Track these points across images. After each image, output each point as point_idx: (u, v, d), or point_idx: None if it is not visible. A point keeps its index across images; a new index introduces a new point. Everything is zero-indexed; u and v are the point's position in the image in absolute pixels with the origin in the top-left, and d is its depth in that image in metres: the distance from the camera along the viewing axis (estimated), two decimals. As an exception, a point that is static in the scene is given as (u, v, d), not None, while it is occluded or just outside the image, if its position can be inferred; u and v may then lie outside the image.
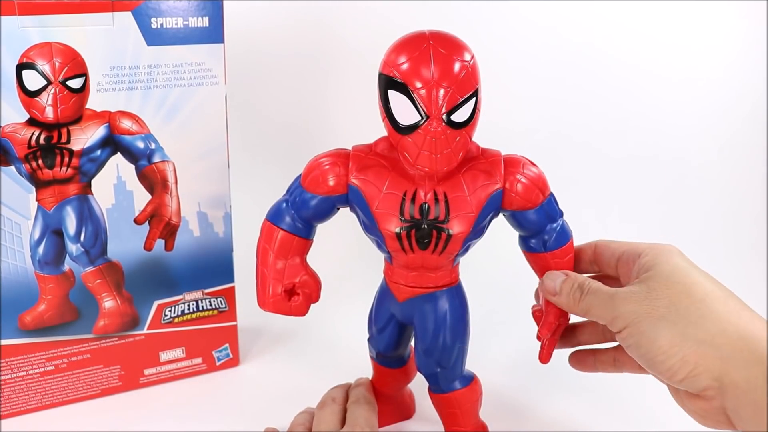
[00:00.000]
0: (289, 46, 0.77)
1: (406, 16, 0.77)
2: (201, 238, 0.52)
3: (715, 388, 0.34)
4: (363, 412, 0.46)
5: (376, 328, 0.45)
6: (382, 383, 0.49)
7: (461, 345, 0.42)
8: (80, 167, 0.47)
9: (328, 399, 0.48)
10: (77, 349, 0.51)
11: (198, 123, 0.50)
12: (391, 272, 0.42)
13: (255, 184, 0.78)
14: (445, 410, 0.45)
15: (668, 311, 0.35)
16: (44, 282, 0.49)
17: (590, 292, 0.39)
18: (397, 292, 0.42)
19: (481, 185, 0.38)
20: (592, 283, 0.39)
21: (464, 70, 0.35)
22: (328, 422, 0.45)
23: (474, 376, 0.45)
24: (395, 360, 0.47)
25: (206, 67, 0.48)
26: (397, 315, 0.43)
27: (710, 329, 0.34)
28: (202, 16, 0.47)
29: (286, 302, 0.42)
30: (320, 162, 0.40)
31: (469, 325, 0.43)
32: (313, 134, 0.80)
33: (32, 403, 0.51)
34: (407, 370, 0.47)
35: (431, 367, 0.42)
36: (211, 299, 0.55)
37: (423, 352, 0.42)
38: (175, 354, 0.55)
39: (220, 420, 0.51)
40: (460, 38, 0.36)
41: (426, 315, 0.41)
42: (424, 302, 0.41)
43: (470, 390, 0.44)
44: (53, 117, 0.45)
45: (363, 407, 0.46)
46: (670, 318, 0.35)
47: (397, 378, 0.48)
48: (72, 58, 0.44)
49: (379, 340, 0.45)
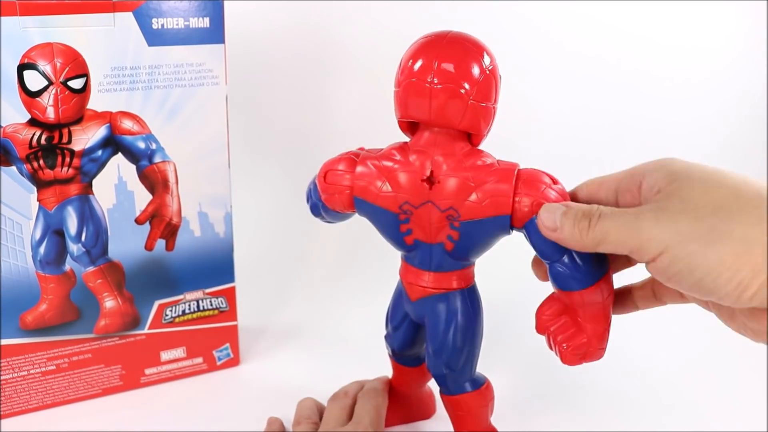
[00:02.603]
0: (290, 46, 0.77)
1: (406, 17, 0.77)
2: (202, 238, 0.53)
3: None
4: (369, 408, 0.46)
5: (391, 326, 0.45)
6: (399, 381, 0.49)
7: (470, 348, 0.42)
8: (81, 167, 0.47)
9: (341, 392, 0.49)
10: (78, 349, 0.51)
11: (199, 123, 0.50)
12: (404, 271, 0.42)
13: (255, 184, 0.78)
14: (454, 412, 0.44)
15: (719, 219, 0.29)
16: (45, 282, 0.49)
17: (603, 217, 0.32)
18: (410, 291, 0.42)
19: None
20: (602, 207, 0.33)
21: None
22: (335, 416, 0.46)
23: (486, 380, 0.44)
24: (412, 359, 0.47)
25: (207, 68, 0.49)
26: (411, 314, 0.43)
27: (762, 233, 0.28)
28: (203, 17, 0.47)
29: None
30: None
31: (481, 328, 0.42)
32: (314, 134, 0.80)
33: (33, 402, 0.51)
34: (424, 370, 0.47)
35: (439, 368, 0.42)
36: (211, 299, 0.55)
37: (432, 353, 0.42)
38: (176, 354, 0.55)
39: (221, 420, 0.51)
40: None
41: (437, 315, 0.41)
42: (436, 302, 0.41)
43: (479, 394, 0.43)
44: (54, 117, 0.45)
45: (371, 402, 0.46)
46: (723, 227, 0.29)
47: (413, 377, 0.48)
48: (73, 58, 0.44)
49: (394, 338, 0.46)
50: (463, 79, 0.35)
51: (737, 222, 0.29)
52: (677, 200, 0.30)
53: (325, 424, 0.46)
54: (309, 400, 0.50)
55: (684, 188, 0.31)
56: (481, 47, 0.36)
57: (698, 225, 0.29)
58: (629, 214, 0.31)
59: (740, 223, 0.29)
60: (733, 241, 0.28)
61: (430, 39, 0.36)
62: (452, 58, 0.35)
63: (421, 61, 0.35)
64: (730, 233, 0.29)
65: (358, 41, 0.77)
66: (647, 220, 0.30)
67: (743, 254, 0.28)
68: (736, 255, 0.28)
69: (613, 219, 0.32)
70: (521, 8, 0.80)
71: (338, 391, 0.49)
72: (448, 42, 0.35)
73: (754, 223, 0.29)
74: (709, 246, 0.29)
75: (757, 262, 0.28)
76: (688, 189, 0.31)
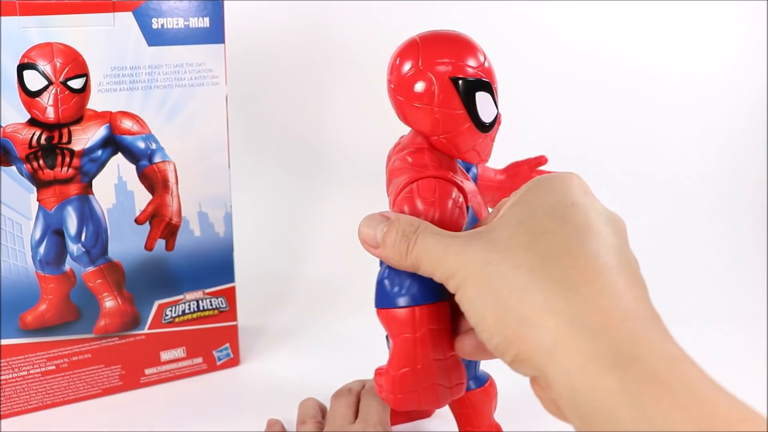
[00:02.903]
0: (290, 46, 0.77)
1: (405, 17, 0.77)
2: (202, 238, 0.53)
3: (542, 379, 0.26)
4: (376, 406, 0.46)
5: None
6: None
7: None
8: (81, 167, 0.47)
9: (345, 390, 0.49)
10: (78, 349, 0.51)
11: (199, 123, 0.50)
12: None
13: (255, 185, 0.78)
14: (459, 410, 0.44)
15: (500, 275, 0.26)
16: (45, 282, 0.49)
17: (420, 240, 0.29)
18: None
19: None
20: (426, 227, 0.30)
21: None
22: (342, 414, 0.46)
23: (489, 377, 0.44)
24: None
25: (207, 68, 0.49)
26: None
27: (539, 302, 0.25)
28: (203, 17, 0.47)
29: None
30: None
31: None
32: (314, 134, 0.80)
33: (33, 402, 0.51)
34: None
35: None
36: (211, 299, 0.55)
37: None
38: (176, 354, 0.55)
39: (221, 420, 0.51)
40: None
41: None
42: None
43: (483, 391, 0.43)
44: (54, 117, 0.45)
45: (376, 399, 0.46)
46: (498, 282, 0.26)
47: None
48: (73, 58, 0.44)
49: None
50: (391, 74, 0.35)
51: (510, 280, 0.25)
52: (496, 226, 0.28)
53: (332, 422, 0.46)
54: (311, 400, 0.50)
55: (510, 213, 0.28)
56: (416, 47, 0.34)
57: (483, 272, 0.26)
58: (441, 241, 0.28)
59: (512, 283, 0.25)
60: (499, 301, 0.26)
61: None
62: (394, 56, 0.35)
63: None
64: (499, 292, 0.26)
65: (358, 41, 0.77)
66: (453, 249, 0.28)
67: (502, 319, 0.26)
68: (496, 318, 0.26)
69: (426, 244, 0.29)
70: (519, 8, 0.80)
71: (341, 388, 0.49)
72: (406, 41, 0.35)
73: (522, 288, 0.25)
74: (481, 299, 0.26)
75: (510, 331, 0.25)
76: (512, 215, 0.28)
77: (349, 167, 0.80)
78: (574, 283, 0.25)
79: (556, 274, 0.25)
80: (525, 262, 0.26)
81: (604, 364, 0.23)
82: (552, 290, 0.25)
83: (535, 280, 0.25)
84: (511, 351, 0.26)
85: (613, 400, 0.22)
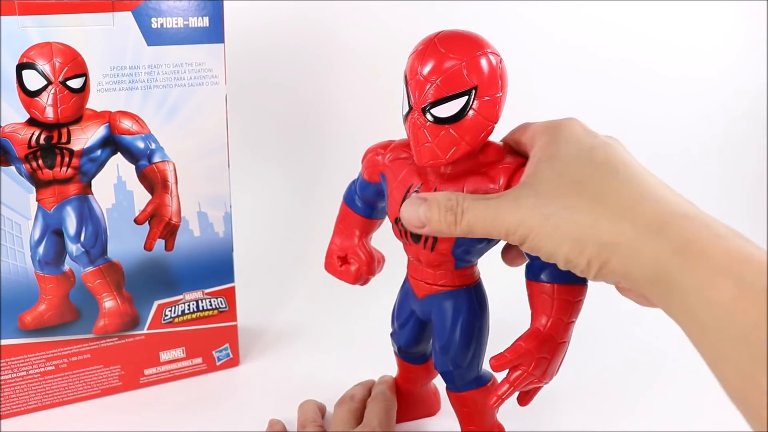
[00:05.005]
0: (290, 45, 0.77)
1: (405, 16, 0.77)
2: (201, 238, 0.52)
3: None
4: (379, 410, 0.46)
5: (397, 323, 0.45)
6: (404, 379, 0.49)
7: (477, 345, 0.42)
8: (80, 167, 0.47)
9: (348, 396, 0.49)
10: (77, 349, 0.51)
11: (198, 123, 0.50)
12: (411, 268, 0.43)
13: (255, 184, 0.78)
14: (461, 409, 0.45)
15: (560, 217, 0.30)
16: (44, 282, 0.49)
17: (467, 211, 0.33)
18: (416, 288, 0.42)
19: (482, 191, 0.37)
20: (465, 197, 0.33)
21: (455, 68, 0.35)
22: (343, 420, 0.46)
23: (492, 377, 0.44)
24: (417, 356, 0.47)
25: (206, 67, 0.48)
26: (417, 311, 0.44)
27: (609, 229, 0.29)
28: (203, 16, 0.47)
29: (337, 267, 0.46)
30: (367, 151, 0.43)
31: (488, 325, 0.42)
32: (314, 134, 0.80)
33: (32, 403, 0.51)
34: (429, 367, 0.47)
35: (446, 365, 0.42)
36: (211, 299, 0.55)
37: (439, 350, 0.42)
38: (176, 354, 0.55)
39: (220, 420, 0.51)
40: (478, 38, 0.36)
41: (443, 312, 0.42)
42: (443, 300, 0.41)
43: (485, 391, 0.43)
44: (53, 117, 0.45)
45: (380, 406, 0.46)
46: (564, 225, 0.30)
47: (419, 374, 0.48)
48: (72, 58, 0.44)
49: (400, 336, 0.46)
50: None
51: (577, 222, 0.30)
52: (529, 185, 0.32)
53: (333, 427, 0.46)
54: (311, 402, 0.50)
55: (540, 172, 0.32)
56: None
57: (548, 223, 0.31)
58: (491, 205, 0.32)
59: (580, 222, 0.30)
60: (573, 238, 0.30)
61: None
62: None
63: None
64: (570, 233, 0.30)
65: (358, 41, 0.77)
66: (507, 209, 0.32)
67: (582, 250, 0.30)
68: (574, 250, 0.30)
69: (475, 212, 0.33)
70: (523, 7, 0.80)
71: (344, 395, 0.49)
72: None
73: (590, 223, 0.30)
74: (553, 241, 0.30)
75: (591, 258, 0.30)
76: (543, 173, 0.32)
77: (349, 167, 0.79)
78: (630, 206, 0.30)
79: (612, 205, 0.30)
80: (584, 206, 0.30)
81: (671, 251, 0.28)
82: (616, 217, 0.29)
83: (598, 214, 0.30)
84: (593, 269, 0.30)
85: (672, 270, 0.28)
